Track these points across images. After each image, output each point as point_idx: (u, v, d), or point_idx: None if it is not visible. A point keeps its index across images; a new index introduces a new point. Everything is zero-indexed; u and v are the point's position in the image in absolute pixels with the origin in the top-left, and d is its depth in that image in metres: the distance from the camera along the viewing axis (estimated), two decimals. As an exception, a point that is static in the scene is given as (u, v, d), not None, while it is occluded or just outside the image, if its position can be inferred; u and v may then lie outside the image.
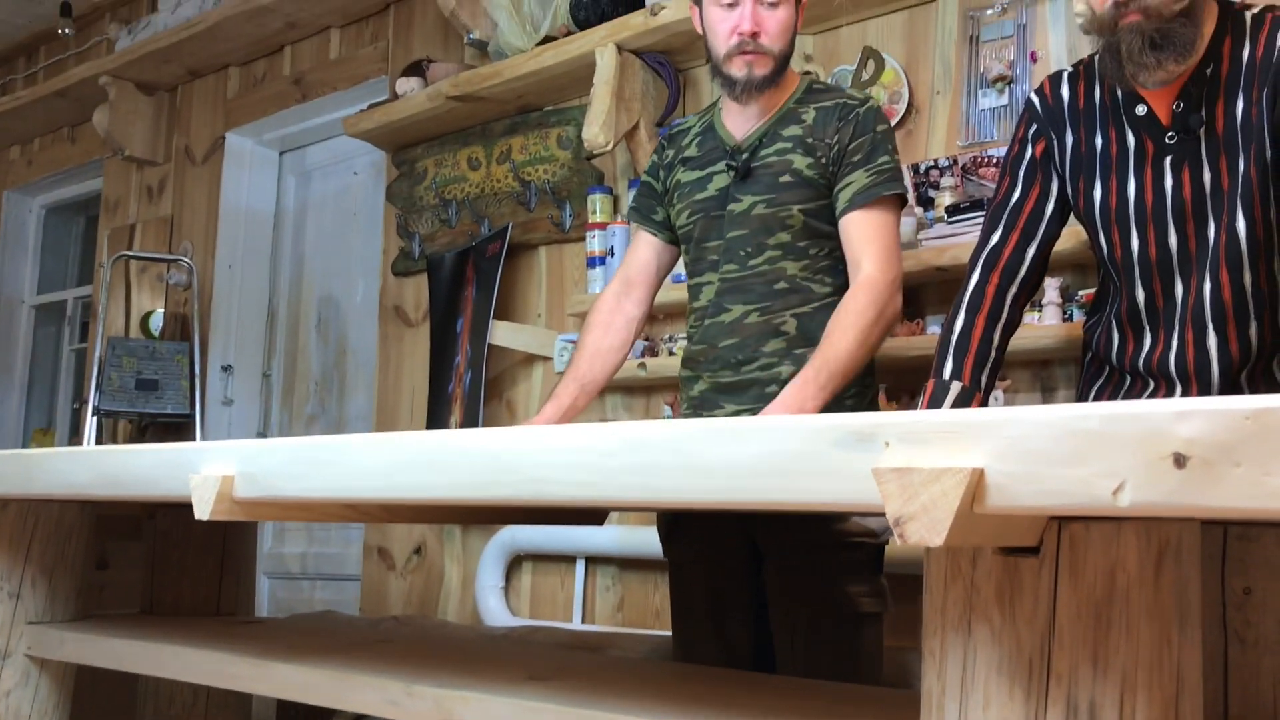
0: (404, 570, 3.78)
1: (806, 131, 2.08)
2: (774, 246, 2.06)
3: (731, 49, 2.04)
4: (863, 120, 2.06)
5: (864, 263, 1.98)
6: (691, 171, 2.17)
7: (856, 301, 1.94)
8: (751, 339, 2.05)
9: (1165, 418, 0.83)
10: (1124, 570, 1.04)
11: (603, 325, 2.22)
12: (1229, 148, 1.74)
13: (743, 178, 2.08)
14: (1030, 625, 1.04)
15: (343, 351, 4.42)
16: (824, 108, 2.09)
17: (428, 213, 3.83)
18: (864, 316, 1.92)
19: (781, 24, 2.06)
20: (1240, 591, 1.33)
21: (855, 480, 0.99)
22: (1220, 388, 1.79)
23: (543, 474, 1.22)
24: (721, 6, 2.06)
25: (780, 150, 2.08)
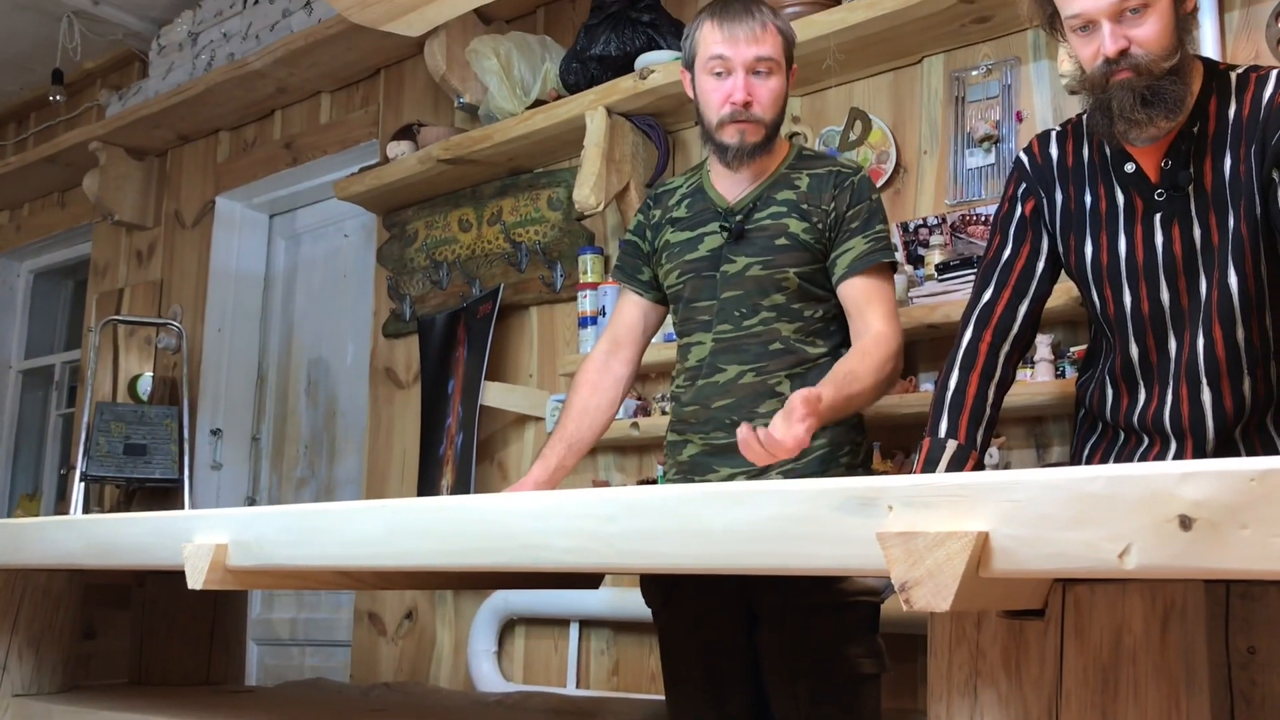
0: (395, 636, 3.73)
1: (801, 197, 2.10)
2: (769, 308, 2.08)
3: (724, 117, 2.07)
4: (858, 188, 2.10)
5: (874, 321, 2.02)
6: (681, 232, 2.18)
7: (881, 350, 1.99)
8: (747, 399, 2.05)
9: (1170, 479, 0.83)
10: (1130, 632, 1.03)
11: (590, 385, 2.22)
12: (1218, 204, 1.75)
13: (737, 239, 2.10)
14: (1037, 689, 1.03)
15: (333, 414, 4.40)
16: (818, 174, 2.12)
17: (419, 274, 3.84)
18: (884, 369, 1.98)
19: (773, 93, 2.09)
20: (1245, 651, 1.32)
21: (858, 545, 0.98)
22: (1215, 443, 1.79)
23: (540, 540, 1.21)
24: (714, 76, 2.08)
25: (775, 214, 2.10)
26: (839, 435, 2.06)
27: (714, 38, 2.08)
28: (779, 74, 2.10)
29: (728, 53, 2.06)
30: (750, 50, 2.06)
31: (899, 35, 2.70)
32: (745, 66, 2.06)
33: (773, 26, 2.09)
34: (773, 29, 2.09)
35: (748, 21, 2.07)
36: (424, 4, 3.30)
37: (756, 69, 2.07)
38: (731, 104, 2.05)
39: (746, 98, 2.05)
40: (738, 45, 2.06)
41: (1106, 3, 1.69)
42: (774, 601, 1.92)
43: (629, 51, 3.13)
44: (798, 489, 1.02)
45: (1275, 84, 1.73)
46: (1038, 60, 2.65)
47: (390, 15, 3.36)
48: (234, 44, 4.31)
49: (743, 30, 2.06)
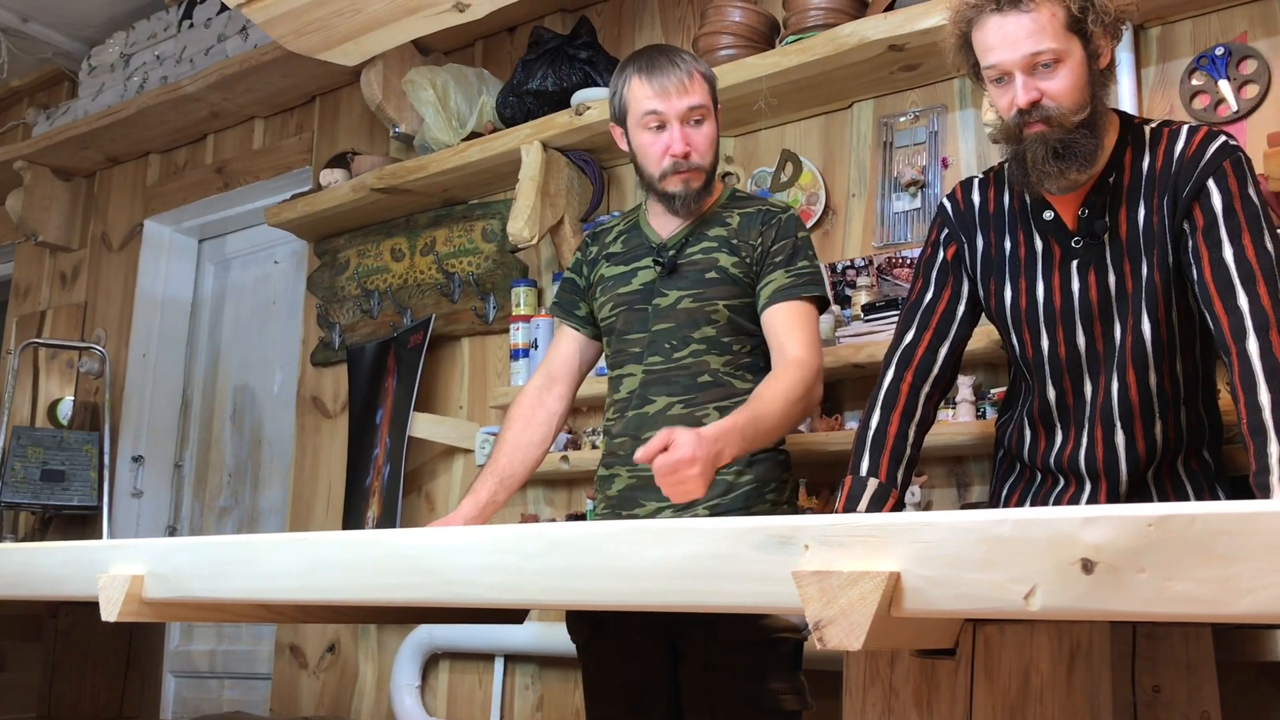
0: (317, 669, 3.68)
1: (731, 233, 2.14)
2: (699, 340, 2.11)
3: (666, 170, 2.11)
4: (784, 226, 2.14)
5: (790, 346, 2.04)
6: (615, 266, 2.22)
7: (790, 376, 1.99)
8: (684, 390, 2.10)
9: (1074, 524, 0.86)
10: (1037, 672, 1.06)
11: (524, 419, 2.22)
12: (1132, 253, 1.81)
13: (669, 273, 2.14)
14: (948, 728, 1.05)
15: (258, 442, 4.34)
16: (748, 213, 2.17)
17: (349, 303, 3.82)
18: (795, 392, 1.97)
19: (708, 139, 2.14)
20: (1150, 690, 1.36)
21: (776, 583, 0.99)
22: (1128, 485, 1.84)
23: (462, 576, 1.21)
24: (650, 130, 2.12)
25: (706, 249, 2.14)
26: (765, 472, 2.08)
27: (645, 93, 2.11)
28: (710, 119, 2.15)
29: (660, 107, 2.10)
30: (682, 101, 2.09)
31: (830, 80, 2.76)
32: (679, 118, 2.10)
33: (698, 74, 2.13)
34: (698, 76, 2.13)
35: (675, 73, 2.10)
36: (361, 34, 3.31)
37: (691, 118, 2.11)
38: (672, 156, 2.09)
39: (685, 148, 2.10)
40: (669, 98, 2.09)
41: (1019, 56, 1.75)
42: (697, 637, 1.93)
43: (565, 87, 3.16)
44: (718, 527, 1.04)
45: (1186, 139, 1.80)
46: (963, 108, 2.72)
47: (327, 44, 3.35)
48: (167, 67, 4.26)
49: (672, 83, 2.09)
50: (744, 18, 2.87)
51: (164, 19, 4.41)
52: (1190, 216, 1.76)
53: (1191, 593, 0.81)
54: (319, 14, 3.18)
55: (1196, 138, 1.79)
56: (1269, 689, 2.09)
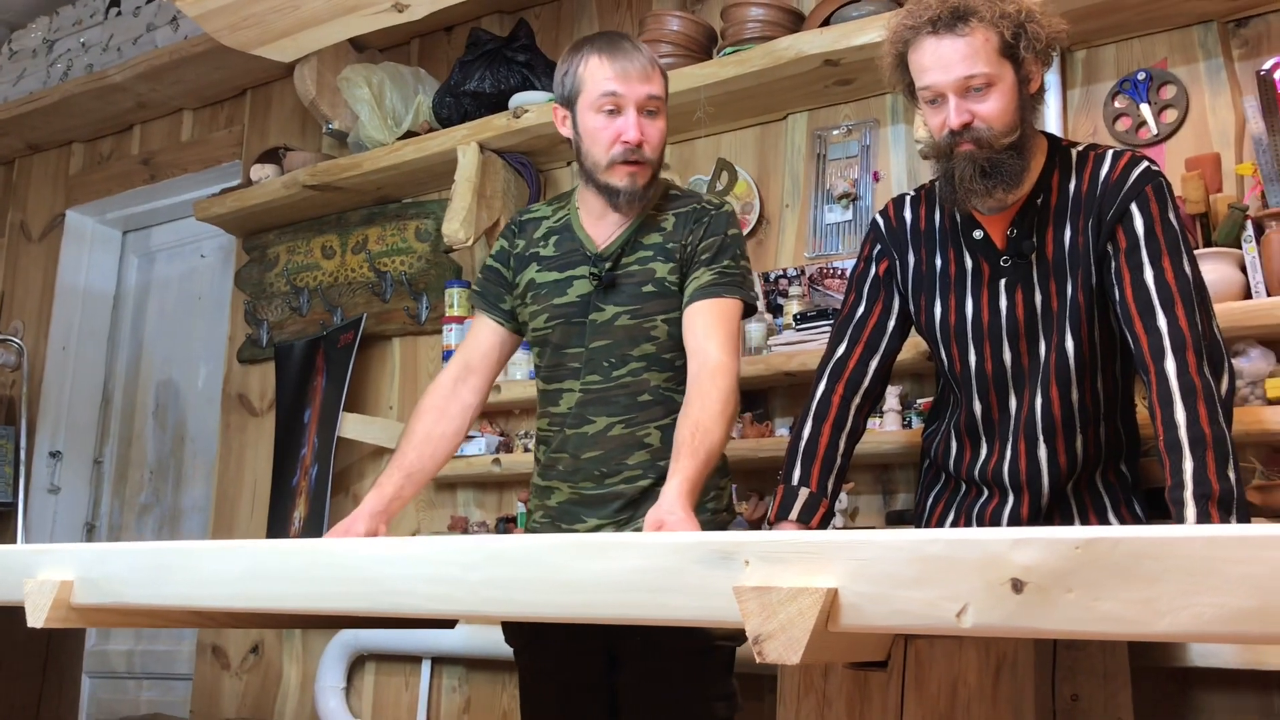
0: (240, 670, 3.63)
1: (666, 238, 2.04)
2: (638, 358, 2.02)
3: (615, 157, 1.98)
4: (714, 222, 2.04)
5: (711, 348, 1.93)
6: (549, 273, 2.09)
7: (719, 386, 1.89)
8: (616, 451, 2.02)
9: (1004, 545, 0.89)
10: (965, 684, 1.09)
11: (437, 411, 2.10)
12: (1058, 272, 1.87)
13: (606, 287, 2.03)
14: (879, 738, 1.09)
15: (181, 439, 4.27)
16: (681, 213, 2.06)
17: (278, 300, 3.77)
18: (729, 408, 1.89)
19: (661, 134, 2.03)
20: (1069, 698, 1.41)
21: (717, 598, 1.02)
22: (1050, 497, 1.90)
23: (402, 586, 1.21)
24: (603, 113, 1.98)
25: (642, 259, 2.04)
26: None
27: (604, 73, 1.98)
28: (664, 114, 2.04)
29: (620, 89, 1.97)
30: (643, 88, 1.98)
31: (766, 92, 2.80)
32: (637, 105, 1.98)
33: (658, 66, 2.03)
34: (658, 68, 2.03)
35: (638, 58, 1.99)
36: (298, 31, 3.27)
37: (648, 108, 1.99)
38: (624, 143, 1.97)
39: (640, 137, 1.97)
40: (630, 82, 1.97)
41: (952, 79, 1.80)
42: (635, 644, 1.94)
43: (503, 89, 3.16)
44: (661, 542, 1.06)
45: (1111, 163, 1.86)
46: (895, 124, 2.78)
47: (262, 40, 3.31)
48: (93, 55, 4.18)
49: (635, 67, 1.98)
50: (682, 27, 2.89)
51: (90, 5, 4.32)
52: (1113, 239, 1.82)
53: (1116, 612, 0.84)
54: (255, 9, 3.15)
55: (1121, 162, 1.85)
56: (1175, 691, 2.17)
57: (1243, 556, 0.80)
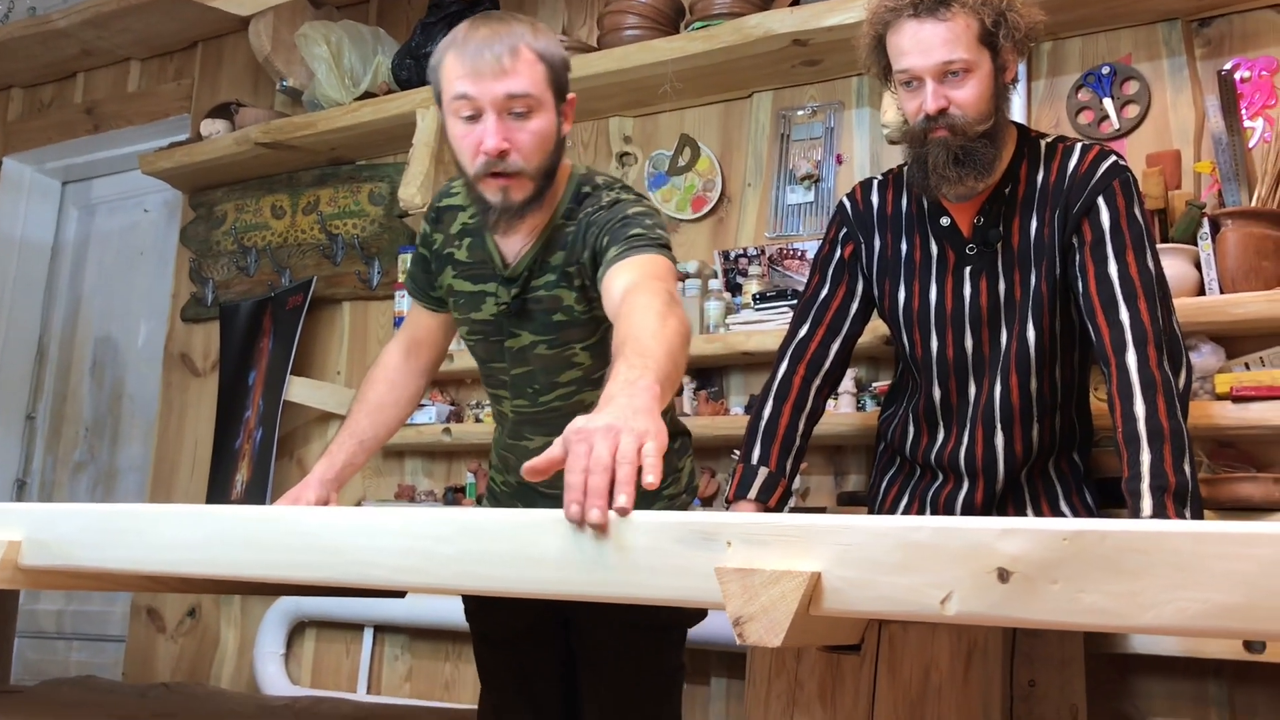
0: (175, 633, 3.58)
1: (566, 258, 1.77)
2: (565, 383, 1.85)
3: (479, 171, 1.70)
4: (608, 215, 1.74)
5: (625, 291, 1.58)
6: (464, 282, 1.90)
7: (648, 295, 1.51)
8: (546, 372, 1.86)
9: (991, 534, 0.89)
10: (937, 669, 1.10)
11: (388, 381, 2.03)
12: (1023, 263, 1.88)
13: (517, 313, 1.82)
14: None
15: (119, 397, 4.18)
16: (579, 223, 1.77)
17: (224, 258, 3.70)
18: (669, 314, 1.48)
19: (536, 136, 1.70)
20: (1026, 684, 1.43)
21: (697, 578, 1.01)
22: (1004, 483, 1.92)
23: (369, 557, 1.19)
24: (462, 120, 1.69)
25: (549, 283, 1.79)
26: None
27: (456, 73, 1.68)
28: (543, 111, 1.70)
29: (472, 91, 1.66)
30: (499, 87, 1.66)
31: (733, 69, 2.78)
32: (495, 107, 1.66)
33: (528, 54, 1.68)
34: (528, 57, 1.68)
35: (493, 48, 1.66)
36: (256, -17, 3.19)
37: (510, 108, 1.67)
38: (484, 154, 1.67)
39: (501, 145, 1.66)
40: (483, 81, 1.66)
41: (931, 63, 1.80)
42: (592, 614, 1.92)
43: (465, 54, 3.10)
44: (641, 520, 1.05)
45: (1079, 156, 1.87)
46: (860, 107, 2.78)
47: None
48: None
49: (487, 63, 1.65)
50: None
51: (34, -53, 4.18)
52: (1079, 231, 1.84)
53: (1100, 605, 0.85)
54: (211, -42, 3.06)
55: (1089, 156, 1.87)
56: (1116, 677, 2.22)
57: (1230, 553, 0.81)
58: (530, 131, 1.69)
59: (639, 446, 1.14)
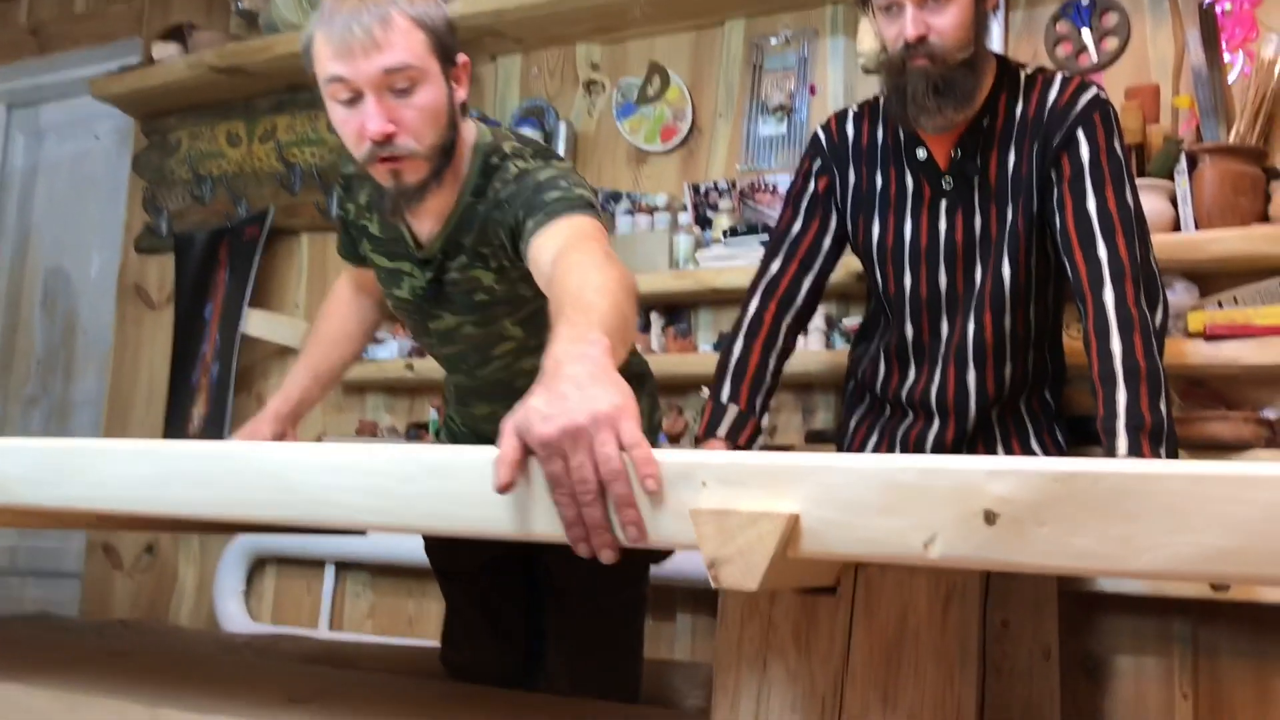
0: (133, 569, 3.52)
1: (479, 238, 1.63)
2: (501, 355, 1.75)
3: (366, 157, 1.56)
4: (517, 188, 1.59)
5: (553, 258, 1.42)
6: (380, 257, 1.78)
7: (580, 253, 1.38)
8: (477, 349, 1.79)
9: (979, 475, 0.86)
10: (915, 612, 1.08)
11: (341, 313, 1.98)
12: (999, 197, 1.84)
13: (435, 297, 1.71)
14: (825, 664, 1.06)
15: (72, 330, 4.08)
16: (489, 202, 1.63)
17: (179, 188, 3.59)
18: (608, 266, 1.33)
19: (424, 112, 1.55)
20: (999, 624, 1.41)
21: (671, 519, 0.97)
22: (975, 422, 1.90)
23: (333, 496, 1.15)
24: (340, 104, 1.54)
25: (463, 265, 1.67)
26: None
27: (326, 53, 1.52)
28: (428, 83, 1.54)
29: (345, 72, 1.51)
30: (373, 63, 1.50)
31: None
32: (373, 86, 1.51)
33: (402, 21, 1.52)
34: (402, 25, 1.52)
35: (361, 21, 1.50)
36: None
37: (390, 85, 1.52)
38: (369, 140, 1.53)
39: (385, 129, 1.52)
40: (355, 60, 1.50)
41: None
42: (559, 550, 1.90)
43: (427, -23, 3.00)
44: (612, 460, 1.00)
45: (1060, 88, 1.83)
46: (834, 36, 2.71)
47: (166, -95, 3.10)
48: (-23, -88, 3.87)
49: (357, 38, 1.50)
50: (620, -79, 2.77)
51: None
52: (1058, 165, 1.80)
53: (1091, 548, 0.82)
54: None
55: (1069, 88, 1.82)
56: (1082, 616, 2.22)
57: (1229, 496, 0.78)
58: (416, 108, 1.54)
59: (617, 440, 0.97)
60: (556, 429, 0.98)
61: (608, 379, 1.04)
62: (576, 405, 0.99)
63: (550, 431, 0.98)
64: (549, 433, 0.98)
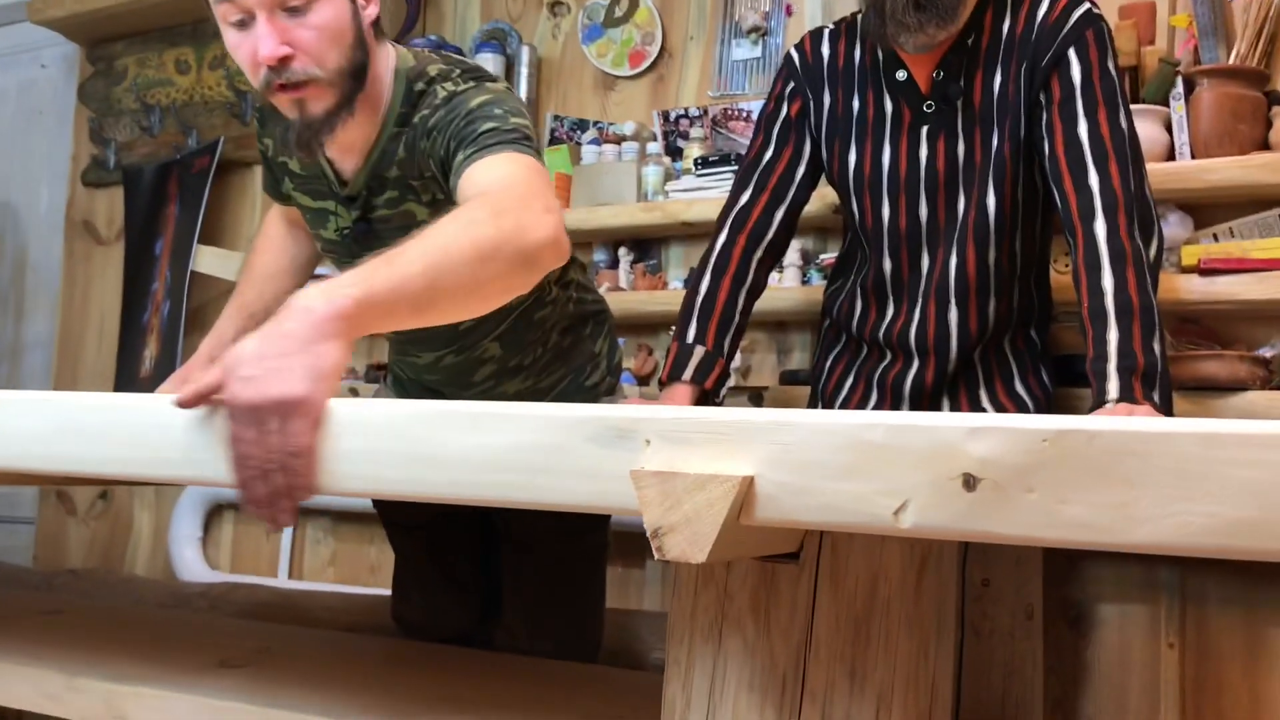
0: (87, 516, 3.41)
1: (406, 170, 1.51)
2: None
3: (263, 85, 1.42)
4: (448, 114, 1.45)
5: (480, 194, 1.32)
6: (303, 196, 1.66)
7: (476, 203, 1.26)
8: (457, 376, 1.73)
9: (958, 434, 0.75)
10: (886, 580, 0.97)
11: (273, 248, 1.84)
12: (984, 122, 1.72)
13: (364, 237, 1.56)
14: (786, 637, 0.96)
15: (22, 268, 3.92)
16: (415, 129, 1.49)
17: (126, 118, 3.42)
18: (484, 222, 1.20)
19: (323, 31, 1.40)
20: (979, 583, 1.31)
21: (610, 481, 0.86)
22: (956, 362, 1.79)
23: (235, 454, 1.03)
24: (232, 27, 1.41)
25: (391, 199, 1.54)
26: (571, 359, 1.79)
27: None
28: (327, 1, 1.41)
29: None
30: None
31: (674, -92, 2.55)
32: (264, 5, 1.38)
33: None
34: None
35: None
36: None
37: (284, 4, 1.38)
38: (264, 65, 1.39)
39: (277, 51, 1.38)
40: None
41: None
42: None
43: (380, -110, 2.82)
44: (547, 414, 0.89)
45: (1049, 4, 1.70)
46: (811, -47, 2.55)
47: None
48: None
49: None
50: None
51: None
52: (1047, 87, 1.68)
53: (1084, 518, 0.71)
54: None
55: (1060, 4, 1.70)
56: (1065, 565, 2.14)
57: (1245, 458, 0.67)
58: (313, 27, 1.39)
59: (286, 432, 0.96)
60: (245, 401, 0.98)
61: (320, 348, 1.01)
62: (274, 378, 0.98)
63: (239, 399, 0.98)
64: (238, 399, 0.98)
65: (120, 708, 1.34)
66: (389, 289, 1.08)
